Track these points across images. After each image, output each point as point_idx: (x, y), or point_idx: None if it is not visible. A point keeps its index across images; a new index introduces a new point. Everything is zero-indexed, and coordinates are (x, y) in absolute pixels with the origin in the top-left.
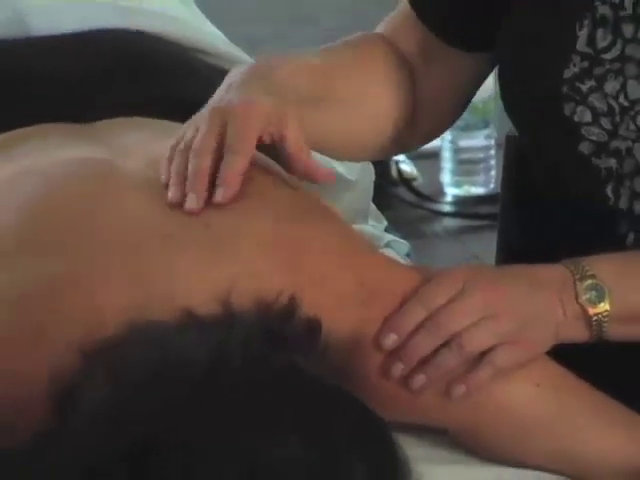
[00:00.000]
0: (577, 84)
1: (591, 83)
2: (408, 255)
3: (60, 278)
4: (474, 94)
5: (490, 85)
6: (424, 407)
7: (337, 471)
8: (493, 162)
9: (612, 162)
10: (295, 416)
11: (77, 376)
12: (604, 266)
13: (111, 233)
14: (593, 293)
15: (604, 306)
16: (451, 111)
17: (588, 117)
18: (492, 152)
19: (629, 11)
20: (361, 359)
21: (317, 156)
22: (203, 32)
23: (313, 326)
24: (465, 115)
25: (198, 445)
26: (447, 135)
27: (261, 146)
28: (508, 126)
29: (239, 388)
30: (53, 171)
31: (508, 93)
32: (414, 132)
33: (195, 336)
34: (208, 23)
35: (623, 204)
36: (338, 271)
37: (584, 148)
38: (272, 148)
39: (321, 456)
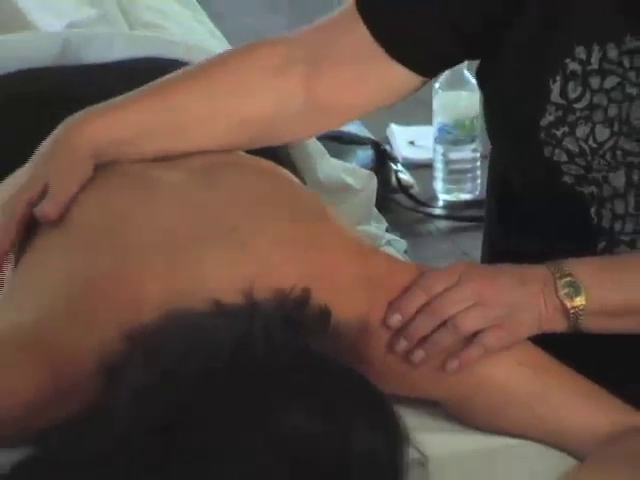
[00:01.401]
0: (552, 131)
1: (564, 129)
2: (406, 252)
3: (107, 273)
4: (388, 106)
5: (476, 105)
6: (421, 381)
7: (346, 439)
8: (479, 172)
9: (593, 188)
10: (309, 392)
11: (121, 357)
12: (581, 267)
13: (151, 235)
14: (571, 289)
15: (580, 300)
16: (359, 111)
17: (565, 157)
18: (478, 163)
19: (595, 66)
20: (367, 341)
21: (332, 163)
22: None
23: (324, 314)
24: (454, 131)
25: (224, 416)
26: (439, 148)
27: (270, 153)
28: None
29: (261, 367)
30: (107, 182)
31: (493, 136)
32: (313, 122)
33: (222, 323)
34: (227, 45)
35: (605, 223)
36: (347, 266)
37: (567, 179)
38: (286, 164)
39: (333, 426)
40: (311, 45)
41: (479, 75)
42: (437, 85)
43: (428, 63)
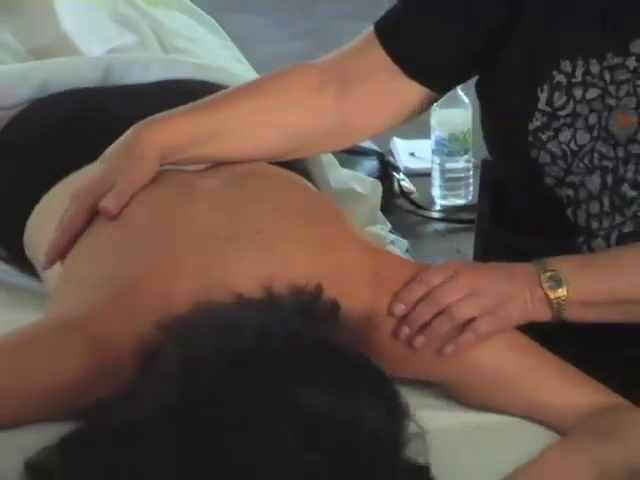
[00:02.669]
0: (539, 134)
1: (549, 133)
2: (407, 250)
3: (147, 269)
4: (406, 122)
5: (468, 121)
6: (421, 364)
7: (354, 414)
8: (471, 180)
9: (570, 192)
10: (322, 374)
11: (156, 345)
12: (563, 263)
13: (187, 236)
14: (553, 282)
15: (562, 292)
16: (382, 126)
17: (548, 159)
18: (470, 172)
19: (579, 79)
20: (374, 329)
21: (343, 172)
22: (244, 78)
23: (334, 306)
24: (450, 144)
25: (247, 396)
26: (436, 159)
27: (287, 163)
28: (482, 153)
29: (280, 354)
30: (156, 186)
31: (489, 141)
32: (341, 138)
33: (245, 314)
34: (251, 70)
35: (582, 222)
36: (358, 264)
37: (548, 181)
38: (301, 173)
39: (343, 403)
40: (339, 68)
41: (479, 86)
42: (434, 103)
43: (440, 79)
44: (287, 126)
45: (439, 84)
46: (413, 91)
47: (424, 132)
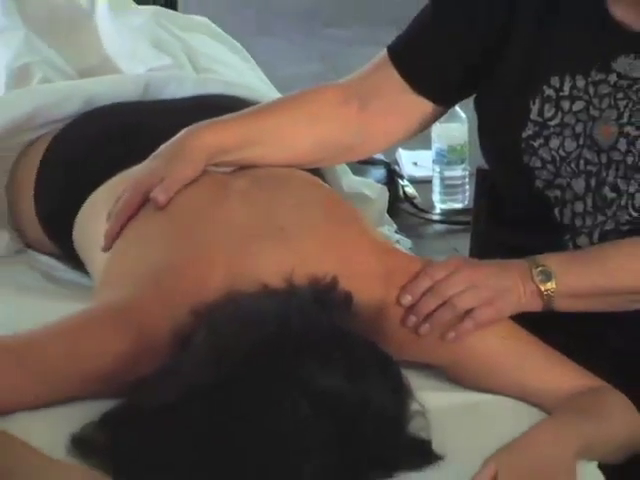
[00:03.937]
0: (531, 142)
1: (540, 141)
2: (410, 249)
3: (184, 261)
4: (417, 134)
5: (465, 134)
6: (425, 350)
7: (364, 394)
8: (467, 187)
9: (558, 192)
10: (335, 358)
11: (189, 330)
12: (552, 259)
13: (219, 233)
14: (543, 276)
15: (551, 284)
16: (396, 138)
17: (539, 164)
18: (467, 180)
19: (566, 92)
20: (383, 318)
21: (354, 178)
22: (268, 95)
23: (347, 297)
24: (448, 155)
25: (267, 375)
26: (436, 168)
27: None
28: (477, 162)
29: (297, 339)
30: (197, 183)
31: (486, 149)
32: (361, 149)
33: (267, 303)
34: (273, 89)
35: (567, 221)
36: (369, 259)
37: (538, 184)
38: (319, 177)
39: (354, 385)
40: (357, 85)
41: (477, 101)
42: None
43: (445, 95)
44: (318, 136)
45: (444, 99)
46: (421, 106)
47: (426, 144)
